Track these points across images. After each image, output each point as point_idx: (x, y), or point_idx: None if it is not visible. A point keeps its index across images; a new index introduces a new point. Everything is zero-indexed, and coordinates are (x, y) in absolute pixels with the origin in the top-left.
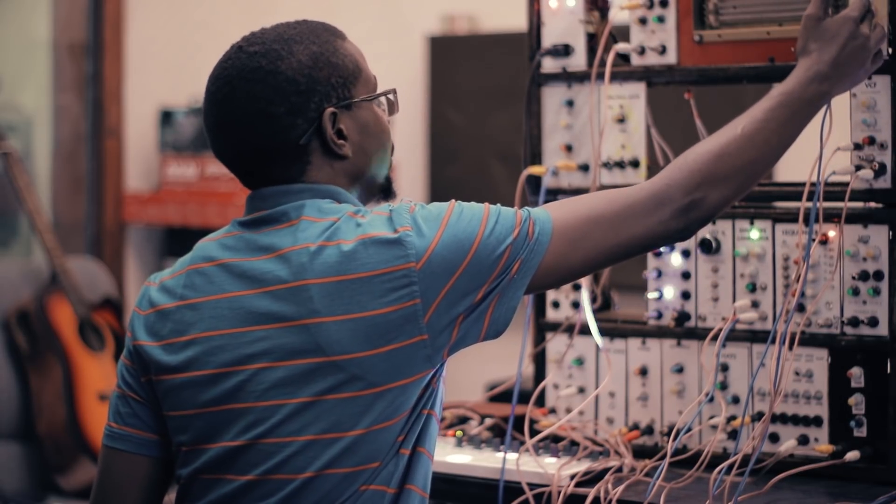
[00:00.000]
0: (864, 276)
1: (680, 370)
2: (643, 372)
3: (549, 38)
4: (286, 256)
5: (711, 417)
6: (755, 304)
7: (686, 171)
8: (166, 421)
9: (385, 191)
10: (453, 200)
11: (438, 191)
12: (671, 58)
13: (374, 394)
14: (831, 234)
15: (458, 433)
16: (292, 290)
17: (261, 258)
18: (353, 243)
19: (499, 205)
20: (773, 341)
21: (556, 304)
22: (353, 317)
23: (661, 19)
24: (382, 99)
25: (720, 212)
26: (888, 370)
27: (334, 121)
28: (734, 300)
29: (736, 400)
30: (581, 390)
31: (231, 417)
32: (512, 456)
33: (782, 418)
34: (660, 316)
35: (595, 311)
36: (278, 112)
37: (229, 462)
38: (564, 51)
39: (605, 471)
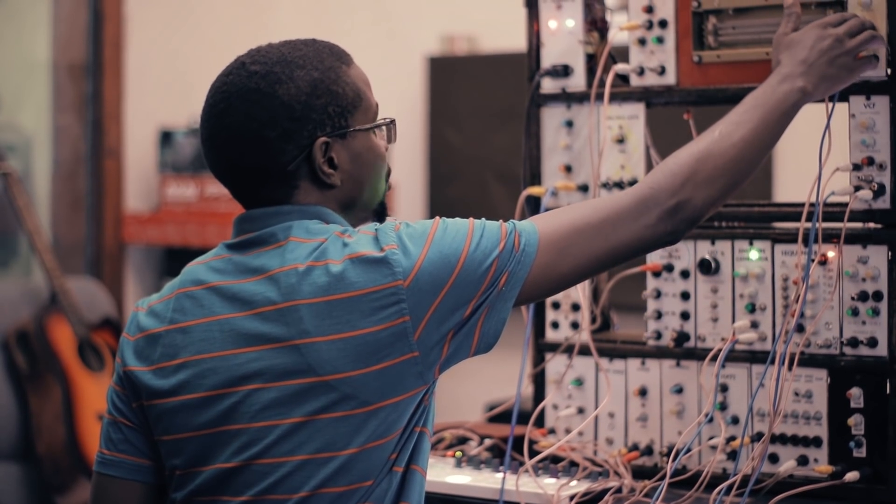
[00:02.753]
0: (863, 296)
1: (679, 391)
2: (642, 392)
3: (548, 59)
4: (275, 278)
5: (711, 438)
6: (754, 325)
7: (669, 174)
8: (159, 445)
9: (378, 216)
10: (438, 217)
11: (438, 211)
12: (670, 78)
13: (366, 412)
14: (830, 254)
15: (458, 454)
16: (282, 311)
17: (250, 280)
18: (341, 263)
19: (483, 219)
20: (773, 362)
21: (555, 325)
22: (344, 336)
23: (660, 40)
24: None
25: (707, 214)
26: (887, 390)
27: (326, 150)
28: (733, 321)
29: (735, 420)
30: (580, 411)
31: (224, 439)
32: (511, 477)
33: (782, 439)
34: (659, 336)
35: (594, 332)
36: (270, 136)
37: (224, 484)
38: (564, 71)
39: (605, 491)
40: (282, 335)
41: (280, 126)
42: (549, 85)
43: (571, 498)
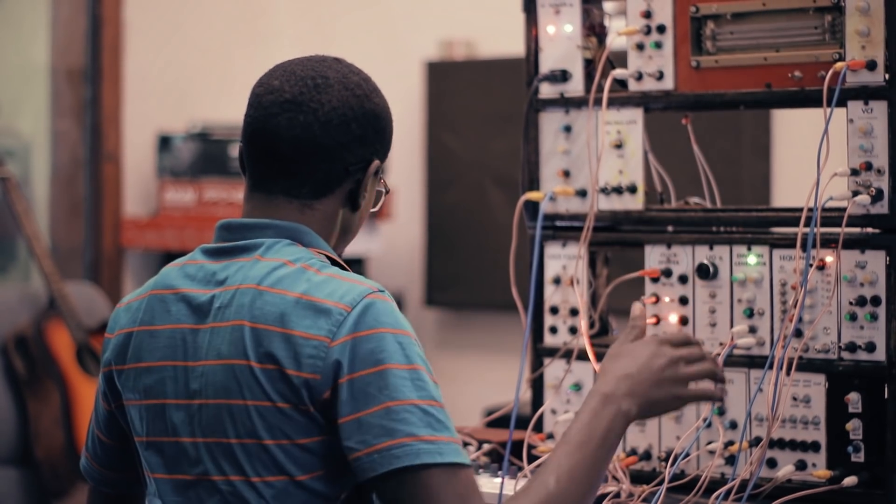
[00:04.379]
0: (861, 301)
1: None
2: None
3: (546, 64)
4: (233, 293)
5: (709, 443)
6: (752, 330)
7: None
8: (138, 446)
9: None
10: (388, 363)
11: (436, 216)
12: (668, 83)
13: (297, 445)
14: (829, 259)
15: None
16: (232, 328)
17: (213, 291)
18: (292, 297)
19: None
20: (771, 367)
21: (553, 330)
22: (269, 367)
23: (658, 45)
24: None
25: None
26: (886, 395)
27: (375, 173)
28: (732, 325)
29: (734, 425)
30: None
31: (181, 450)
32: (510, 481)
33: (780, 443)
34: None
35: (593, 337)
36: (356, 131)
37: (186, 495)
38: (562, 76)
39: (603, 496)
40: (227, 353)
41: (364, 128)
42: (547, 90)
43: None
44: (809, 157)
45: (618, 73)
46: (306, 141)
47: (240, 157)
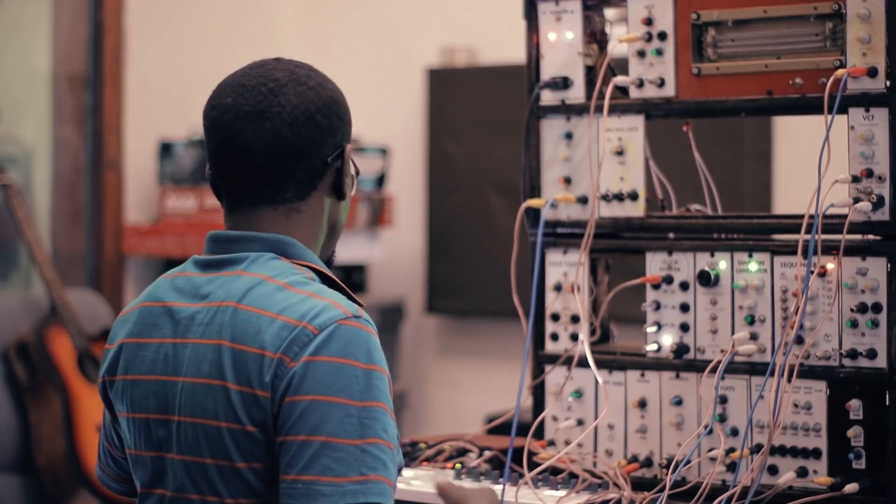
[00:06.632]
0: (862, 308)
1: (679, 402)
2: (642, 404)
3: (547, 71)
4: (215, 310)
5: (710, 450)
6: (754, 337)
7: None
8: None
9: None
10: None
11: (437, 223)
12: (669, 90)
13: (270, 469)
14: (830, 266)
15: (457, 465)
16: (213, 347)
17: (197, 305)
18: (267, 316)
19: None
20: (772, 373)
21: (555, 337)
22: (244, 390)
23: (659, 52)
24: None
25: None
26: (887, 402)
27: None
28: (733, 332)
29: (735, 432)
30: (580, 422)
31: (164, 466)
32: (511, 488)
33: (781, 450)
34: (659, 348)
35: (594, 344)
36: (322, 121)
37: None
38: (563, 83)
39: (605, 503)
40: (207, 372)
41: (330, 117)
42: (548, 97)
43: None
44: (810, 164)
45: (619, 80)
46: (279, 146)
47: (211, 183)
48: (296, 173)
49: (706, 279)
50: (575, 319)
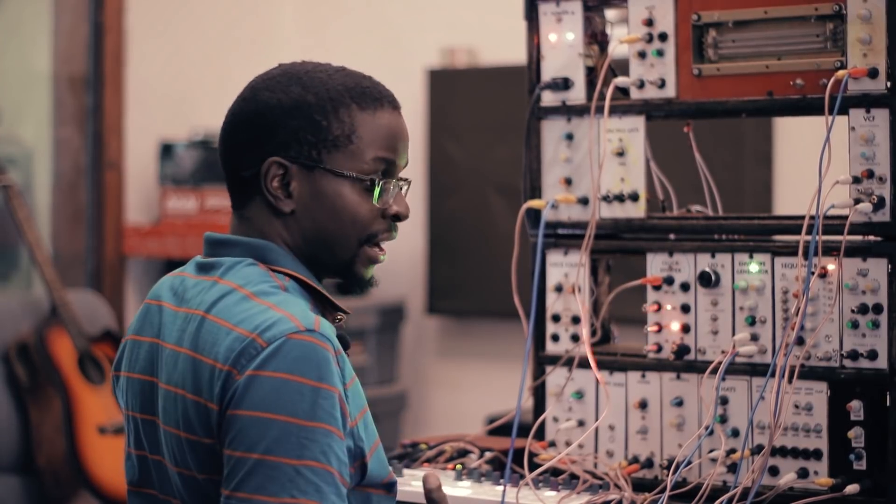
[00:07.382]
0: (863, 309)
1: (679, 403)
2: (643, 405)
3: (548, 72)
4: (187, 317)
5: (711, 451)
6: (754, 338)
7: None
8: None
9: (344, 280)
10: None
11: (438, 224)
12: (670, 91)
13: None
14: (830, 267)
15: (458, 466)
16: (182, 356)
17: (178, 310)
18: (225, 327)
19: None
20: (773, 374)
21: (555, 338)
22: (200, 401)
23: (660, 53)
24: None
25: None
26: (887, 403)
27: (284, 174)
28: (734, 333)
29: (735, 433)
30: (581, 423)
31: (151, 466)
32: (511, 489)
33: (782, 451)
34: (659, 349)
35: (594, 345)
36: (241, 138)
37: None
38: (564, 84)
39: None
40: (175, 381)
41: (251, 131)
42: (549, 98)
43: None
44: (811, 164)
45: (619, 81)
46: (220, 155)
47: None
48: (234, 182)
49: (707, 280)
50: (576, 320)
